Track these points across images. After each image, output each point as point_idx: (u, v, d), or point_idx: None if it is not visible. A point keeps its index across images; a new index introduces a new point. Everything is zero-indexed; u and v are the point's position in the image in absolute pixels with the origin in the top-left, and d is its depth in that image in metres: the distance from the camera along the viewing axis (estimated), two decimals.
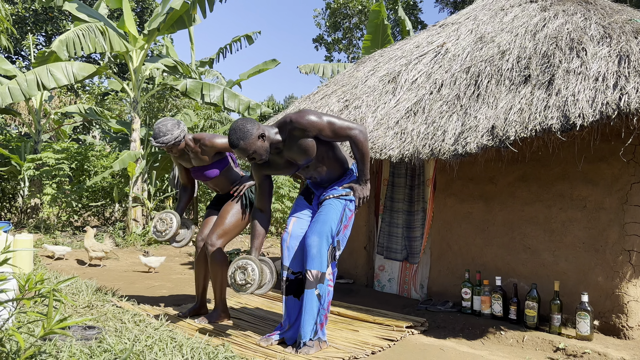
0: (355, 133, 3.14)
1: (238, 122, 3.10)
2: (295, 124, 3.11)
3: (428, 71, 4.80)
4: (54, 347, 2.41)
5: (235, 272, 3.28)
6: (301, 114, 3.12)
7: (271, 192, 3.52)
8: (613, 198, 3.61)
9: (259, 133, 3.07)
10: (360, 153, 3.19)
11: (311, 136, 3.15)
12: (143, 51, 9.81)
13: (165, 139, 3.68)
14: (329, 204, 3.28)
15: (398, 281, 4.95)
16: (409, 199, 4.91)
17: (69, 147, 10.81)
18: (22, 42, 17.97)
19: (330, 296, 3.23)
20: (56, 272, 5.16)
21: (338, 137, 3.18)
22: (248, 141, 3.05)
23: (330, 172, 3.36)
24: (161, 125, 3.70)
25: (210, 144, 3.76)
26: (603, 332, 3.55)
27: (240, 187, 3.89)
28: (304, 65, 11.97)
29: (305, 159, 3.24)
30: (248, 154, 3.09)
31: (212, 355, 2.56)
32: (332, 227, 3.19)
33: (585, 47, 3.66)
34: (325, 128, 3.13)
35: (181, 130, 3.73)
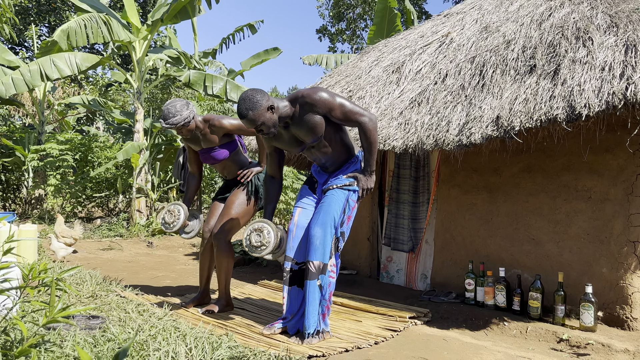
0: (364, 120, 3.11)
1: (247, 92, 3.07)
2: (306, 98, 3.10)
3: (432, 61, 4.77)
4: (58, 336, 2.42)
5: (250, 234, 3.33)
6: (314, 90, 3.11)
7: (282, 160, 3.52)
8: (618, 189, 3.58)
9: (268, 104, 3.04)
10: (368, 142, 3.15)
11: (320, 113, 3.12)
12: (146, 42, 9.78)
13: (174, 120, 3.67)
14: (332, 194, 3.26)
15: (405, 272, 4.95)
16: (414, 190, 4.89)
17: (72, 138, 10.81)
18: (25, 32, 17.95)
19: (332, 287, 3.22)
20: (60, 263, 5.18)
21: (347, 120, 3.15)
22: (257, 112, 3.02)
23: (335, 156, 3.34)
24: (170, 107, 3.69)
25: (219, 124, 3.77)
26: (607, 323, 3.54)
27: (248, 173, 3.88)
28: (307, 56, 11.91)
29: (312, 138, 3.21)
30: (256, 125, 3.07)
31: (216, 344, 2.57)
32: (335, 217, 3.18)
33: (592, 36, 3.62)
34: (335, 108, 3.11)
35: (190, 111, 3.72)
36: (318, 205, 3.31)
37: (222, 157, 3.90)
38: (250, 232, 3.35)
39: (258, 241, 3.29)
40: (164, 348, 2.37)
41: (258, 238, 3.30)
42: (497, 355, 3.10)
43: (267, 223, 3.33)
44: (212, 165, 4.01)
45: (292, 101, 3.16)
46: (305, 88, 3.16)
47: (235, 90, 9.90)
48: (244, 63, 12.25)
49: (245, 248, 3.41)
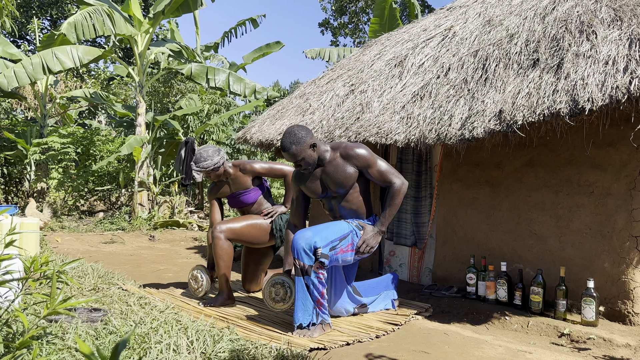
0: (397, 182, 3.31)
1: (293, 128, 3.25)
2: (348, 149, 3.30)
3: (435, 55, 4.75)
4: (60, 328, 2.42)
5: (271, 287, 3.46)
6: (357, 145, 3.33)
7: (307, 208, 3.64)
8: (621, 184, 3.57)
9: (311, 142, 3.24)
10: (392, 202, 3.31)
11: (357, 167, 3.31)
12: (148, 35, 9.76)
13: (205, 164, 3.91)
14: (338, 222, 3.37)
15: (408, 266, 4.95)
16: (417, 184, 4.88)
17: (74, 131, 10.82)
18: (27, 26, 17.92)
19: (322, 287, 3.19)
20: (62, 255, 5.19)
21: (381, 179, 3.32)
22: (300, 147, 3.20)
23: (353, 212, 3.44)
24: (203, 151, 3.95)
25: (250, 167, 4.00)
26: (608, 318, 3.54)
27: (272, 212, 4.07)
28: (309, 50, 11.89)
29: (339, 188, 3.34)
30: (297, 160, 3.23)
31: (217, 337, 2.57)
32: (328, 236, 3.21)
33: (596, 30, 3.60)
34: (373, 165, 3.31)
35: (221, 157, 3.96)
36: None
37: (253, 199, 4.09)
38: (271, 285, 3.46)
39: (279, 297, 3.43)
40: (166, 341, 2.37)
41: (280, 293, 3.43)
42: (498, 349, 3.10)
43: (287, 277, 3.44)
44: (239, 210, 4.19)
45: (333, 148, 3.37)
46: (349, 142, 3.39)
47: (237, 82, 9.88)
48: (246, 57, 12.22)
49: (263, 299, 3.54)
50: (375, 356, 2.88)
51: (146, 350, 2.28)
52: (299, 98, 5.77)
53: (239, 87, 9.86)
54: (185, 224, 9.10)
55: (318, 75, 6.19)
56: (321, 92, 5.54)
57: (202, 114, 12.44)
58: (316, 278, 3.16)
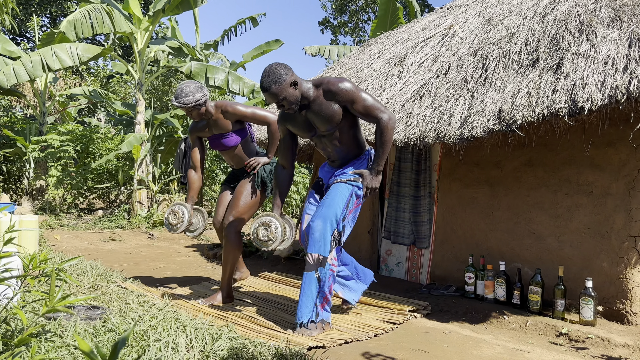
0: (384, 117, 3.11)
1: (272, 66, 3.06)
2: (331, 85, 3.09)
3: (435, 54, 4.75)
4: (59, 326, 2.42)
5: (258, 228, 3.32)
6: (340, 79, 3.11)
7: (295, 148, 3.50)
8: (620, 184, 3.58)
9: (292, 80, 3.04)
10: (383, 139, 3.14)
11: (341, 104, 3.12)
12: (148, 33, 9.75)
13: (186, 100, 3.68)
14: (336, 188, 3.25)
15: (406, 265, 4.95)
16: (416, 183, 4.88)
17: (74, 129, 10.81)
18: (26, 23, 17.89)
19: (333, 280, 3.22)
20: (61, 253, 5.19)
21: (367, 115, 3.13)
22: (280, 86, 3.01)
23: (345, 150, 3.32)
24: (184, 86, 3.71)
25: (232, 110, 3.77)
26: (606, 317, 3.55)
27: (254, 163, 3.87)
28: (309, 47, 11.86)
29: (326, 126, 3.20)
30: (278, 99, 3.05)
31: (216, 335, 2.57)
32: (337, 211, 3.17)
33: (595, 30, 3.60)
34: (358, 101, 3.09)
35: (203, 95, 3.73)
36: (322, 199, 3.30)
37: (233, 143, 3.89)
38: (257, 226, 3.33)
39: (265, 236, 3.29)
40: (165, 339, 2.37)
41: (265, 233, 3.29)
42: (496, 348, 3.11)
43: (274, 217, 3.31)
44: (221, 153, 4.01)
45: (316, 85, 3.16)
46: (332, 77, 3.15)
47: (237, 81, 9.87)
48: (246, 55, 12.21)
49: (252, 242, 3.41)
50: (373, 355, 2.89)
51: (145, 348, 2.28)
52: None
53: (237, 86, 9.86)
54: None
55: (318, 74, 6.19)
56: None
57: None
58: (329, 270, 3.17)
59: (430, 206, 4.77)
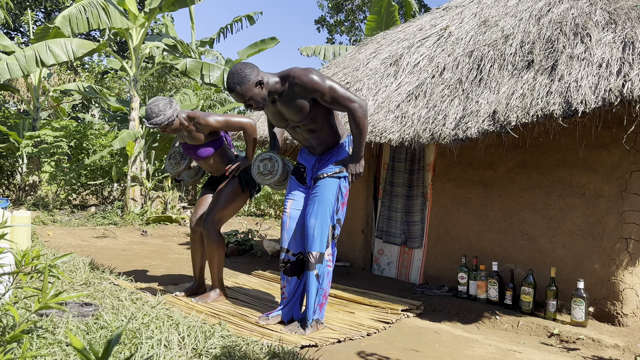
0: (354, 106, 3.06)
1: (237, 66, 3.04)
2: (297, 79, 3.05)
3: (430, 54, 4.76)
4: (51, 322, 2.42)
5: (259, 162, 3.45)
6: (305, 71, 3.05)
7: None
8: (612, 186, 3.60)
9: (257, 80, 3.02)
10: (357, 129, 3.11)
11: (309, 97, 3.08)
12: (143, 29, 9.71)
13: (158, 120, 3.59)
14: (324, 183, 3.26)
15: (397, 264, 4.97)
16: (409, 183, 4.89)
17: (67, 125, 10.76)
18: (20, 18, 17.77)
19: (330, 277, 3.24)
20: (54, 249, 5.17)
21: (337, 105, 3.09)
22: (244, 87, 3.00)
23: (322, 137, 3.29)
24: (153, 106, 3.60)
25: (204, 122, 3.67)
26: (597, 318, 3.57)
27: (234, 167, 3.78)
28: (305, 47, 11.86)
29: (298, 117, 3.17)
30: (244, 99, 3.05)
31: (209, 333, 2.57)
32: (329, 206, 3.20)
33: (590, 32, 3.62)
34: (325, 92, 3.04)
35: (174, 110, 3.63)
36: (311, 195, 3.30)
37: (206, 154, 3.83)
38: (258, 161, 3.47)
39: (266, 169, 3.39)
40: (157, 336, 2.37)
41: (267, 166, 3.40)
42: (488, 348, 3.12)
43: (274, 153, 3.45)
44: (197, 162, 3.96)
45: (282, 78, 3.12)
46: (298, 67, 3.11)
47: None
48: (241, 52, 12.19)
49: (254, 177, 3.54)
50: (366, 354, 2.89)
51: (137, 345, 2.27)
52: None
53: None
54: (178, 220, 9.08)
55: None
56: None
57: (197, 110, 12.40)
58: (327, 266, 3.19)
59: (422, 206, 4.79)
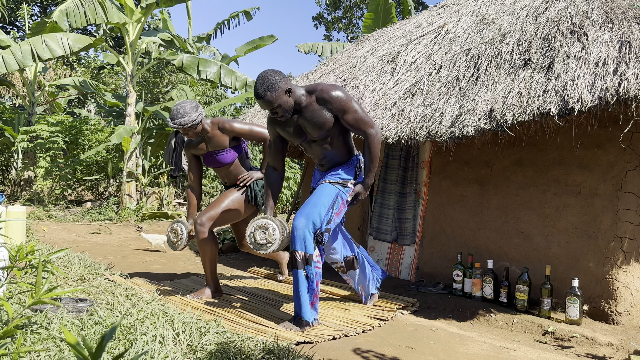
0: (372, 132, 3.17)
1: (267, 73, 3.05)
2: (324, 93, 3.10)
3: (428, 52, 4.76)
4: (45, 318, 2.41)
5: (255, 231, 3.28)
6: (333, 87, 3.11)
7: (285, 150, 3.50)
8: (608, 184, 3.61)
9: (287, 87, 3.04)
10: (371, 154, 3.20)
11: (333, 112, 3.14)
12: (140, 24, 9.67)
13: (182, 121, 3.68)
14: (323, 188, 3.28)
15: (386, 262, 4.98)
16: (402, 180, 4.90)
17: (63, 120, 10.71)
18: (16, 12, 17.67)
19: (319, 277, 3.22)
20: (49, 245, 5.15)
21: (355, 127, 3.18)
22: (275, 93, 3.01)
23: (334, 155, 3.34)
24: (179, 107, 3.71)
25: (229, 127, 3.78)
26: (592, 317, 3.59)
27: (247, 177, 3.89)
28: (302, 44, 11.84)
29: (317, 133, 3.20)
30: (272, 107, 3.06)
31: (204, 330, 2.57)
32: (321, 211, 3.18)
33: (587, 31, 3.62)
34: (349, 111, 3.13)
35: (199, 114, 3.74)
36: (309, 196, 3.31)
37: (229, 160, 3.89)
38: (254, 230, 3.29)
39: (264, 239, 3.26)
40: (152, 332, 2.36)
41: (264, 236, 3.26)
42: (482, 346, 3.13)
43: (270, 219, 3.28)
44: (215, 170, 4.00)
45: (309, 91, 3.17)
46: (325, 83, 3.18)
47: (229, 75, 9.83)
48: (239, 49, 12.16)
49: (250, 246, 3.38)
50: (361, 351, 2.90)
51: (132, 341, 2.27)
52: None
53: (230, 79, 9.81)
54: (174, 216, 9.07)
55: (310, 70, 6.18)
56: None
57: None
58: (315, 267, 3.17)
59: (415, 203, 4.80)
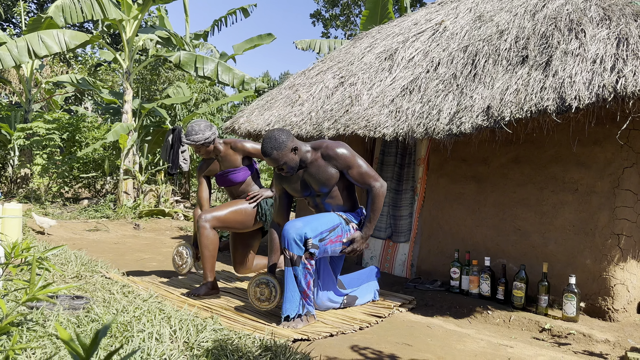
0: (377, 185, 3.29)
1: (273, 132, 3.21)
2: (329, 150, 3.27)
3: (425, 49, 4.75)
4: (41, 315, 2.40)
5: (256, 288, 3.37)
6: (338, 144, 3.28)
7: (290, 206, 3.61)
8: (605, 182, 3.61)
9: (292, 146, 3.21)
10: (375, 206, 3.30)
11: (338, 168, 3.28)
12: (137, 21, 9.63)
13: (196, 138, 3.88)
14: (327, 214, 3.35)
15: (379, 259, 4.99)
16: (398, 177, 4.90)
17: (60, 117, 10.67)
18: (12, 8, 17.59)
19: (310, 277, 3.21)
20: (45, 242, 5.13)
21: (361, 181, 3.30)
22: (281, 152, 3.17)
23: (338, 208, 3.44)
24: (195, 125, 3.92)
25: (242, 146, 3.96)
26: (589, 314, 3.59)
27: (257, 195, 4.01)
28: (300, 41, 11.82)
29: (322, 187, 3.34)
30: (279, 164, 3.21)
31: (201, 327, 2.56)
32: (319, 227, 3.20)
33: (584, 28, 3.62)
34: (354, 167, 3.27)
35: (212, 133, 3.93)
36: None
37: (242, 178, 4.03)
38: (256, 285, 3.37)
39: (263, 295, 3.35)
40: (148, 329, 2.36)
41: (263, 292, 3.35)
42: (480, 343, 3.13)
43: (272, 277, 3.35)
44: (227, 189, 4.14)
45: (314, 148, 3.32)
46: (330, 140, 3.33)
47: (226, 72, 9.80)
48: (237, 47, 12.13)
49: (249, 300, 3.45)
50: (358, 348, 2.89)
51: (128, 338, 2.26)
52: (288, 89, 5.74)
53: (227, 77, 9.78)
54: (171, 213, 9.05)
55: (308, 67, 6.16)
56: (311, 83, 5.52)
57: (190, 103, 12.33)
58: (304, 269, 3.16)
59: (411, 200, 4.79)
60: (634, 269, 3.60)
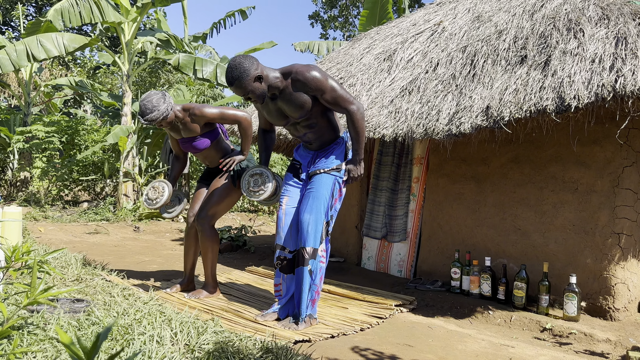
0: (353, 109, 3.11)
1: (236, 59, 3.02)
2: (299, 75, 3.06)
3: (424, 50, 4.75)
4: (42, 319, 2.39)
5: (249, 179, 3.37)
6: (308, 68, 3.06)
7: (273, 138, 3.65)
8: (605, 181, 3.61)
9: (256, 74, 3.01)
10: (356, 130, 3.15)
11: (310, 94, 3.10)
12: (135, 24, 9.64)
13: (152, 116, 3.60)
14: (319, 179, 3.25)
15: (375, 259, 4.99)
16: (395, 177, 4.90)
17: (59, 120, 10.67)
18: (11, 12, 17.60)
19: (323, 272, 3.23)
20: (45, 245, 5.13)
21: (335, 105, 3.13)
22: (244, 81, 2.99)
23: (320, 133, 3.30)
24: (146, 102, 3.60)
25: (200, 113, 3.69)
26: (590, 313, 3.59)
27: (230, 161, 3.78)
28: (298, 43, 11.82)
29: (298, 114, 3.17)
30: (244, 93, 3.04)
31: (201, 329, 2.56)
32: (324, 203, 3.18)
33: (583, 28, 3.62)
34: (327, 91, 3.07)
35: (167, 104, 3.64)
36: (306, 191, 3.29)
37: (204, 146, 3.83)
38: (249, 177, 3.39)
39: (257, 185, 3.33)
40: (149, 332, 2.35)
41: (257, 182, 3.34)
42: (481, 343, 3.13)
43: (265, 169, 3.37)
44: (194, 154, 3.96)
45: (284, 74, 3.12)
46: (300, 64, 3.12)
47: None
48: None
49: (242, 192, 3.47)
50: (359, 349, 2.89)
51: (129, 341, 2.26)
52: None
53: None
54: None
55: None
56: None
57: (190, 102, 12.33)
58: (319, 262, 3.18)
59: (407, 200, 4.79)
60: (634, 267, 3.60)
